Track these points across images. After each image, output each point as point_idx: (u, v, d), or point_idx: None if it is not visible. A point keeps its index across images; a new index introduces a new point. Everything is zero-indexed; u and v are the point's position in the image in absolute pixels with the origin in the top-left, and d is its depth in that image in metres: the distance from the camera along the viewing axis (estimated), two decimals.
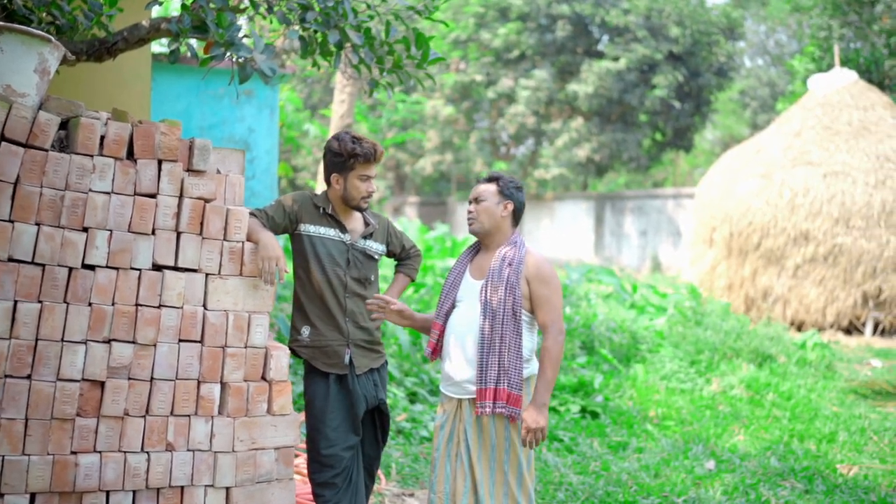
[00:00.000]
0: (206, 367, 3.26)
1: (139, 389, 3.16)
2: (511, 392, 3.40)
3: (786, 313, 12.96)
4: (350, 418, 3.59)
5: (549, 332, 3.44)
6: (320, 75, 21.82)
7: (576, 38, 23.20)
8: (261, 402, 3.35)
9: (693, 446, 6.08)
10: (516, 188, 3.59)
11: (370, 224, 3.75)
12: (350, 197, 3.62)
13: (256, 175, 9.85)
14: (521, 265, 3.47)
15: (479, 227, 3.57)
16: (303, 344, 3.62)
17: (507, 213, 3.57)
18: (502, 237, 3.58)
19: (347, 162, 3.59)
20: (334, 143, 3.64)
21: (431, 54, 5.20)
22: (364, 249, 3.69)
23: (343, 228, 3.66)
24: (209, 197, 3.31)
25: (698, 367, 7.88)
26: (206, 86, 9.36)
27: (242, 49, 3.94)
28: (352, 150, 3.58)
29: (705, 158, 29.72)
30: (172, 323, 3.22)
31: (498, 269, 3.47)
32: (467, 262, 3.68)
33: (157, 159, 3.24)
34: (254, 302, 3.36)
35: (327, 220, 3.65)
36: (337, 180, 3.64)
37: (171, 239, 3.24)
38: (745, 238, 13.49)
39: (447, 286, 3.66)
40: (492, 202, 3.55)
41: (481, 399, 3.42)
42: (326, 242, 3.62)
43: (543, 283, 3.47)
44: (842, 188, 12.78)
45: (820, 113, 14.05)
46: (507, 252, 3.51)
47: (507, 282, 3.44)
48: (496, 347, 3.41)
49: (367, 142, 3.63)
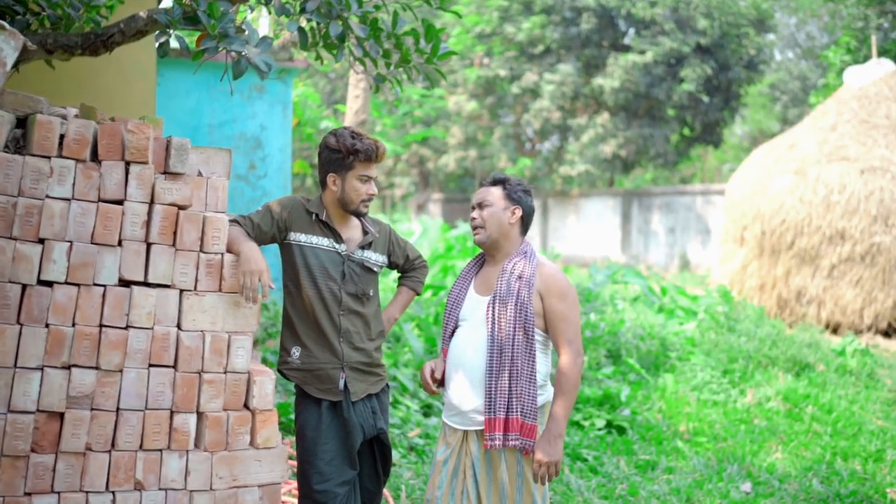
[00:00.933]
0: (179, 395, 2.89)
1: (103, 421, 2.80)
2: (524, 422, 3.01)
3: (820, 315, 12.40)
4: (345, 450, 3.21)
5: (566, 354, 3.04)
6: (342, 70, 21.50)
7: (601, 31, 22.66)
8: (242, 433, 2.97)
9: (727, 466, 5.64)
10: (524, 192, 3.21)
11: (369, 232, 3.36)
12: (348, 200, 3.24)
13: (269, 174, 9.51)
14: (533, 278, 3.08)
15: (484, 236, 3.18)
16: (293, 367, 3.24)
17: (515, 220, 3.18)
18: (511, 247, 3.19)
19: (346, 160, 3.21)
20: (331, 140, 3.26)
21: (442, 48, 4.82)
22: (362, 261, 3.30)
23: (338, 237, 3.27)
24: (184, 203, 2.94)
25: (731, 376, 7.42)
26: (216, 81, 9.03)
27: (236, 42, 3.57)
28: (351, 146, 3.19)
29: (734, 154, 29.06)
30: (141, 346, 2.85)
31: (506, 282, 3.08)
32: (471, 276, 3.29)
33: (125, 161, 2.87)
34: (234, 321, 2.99)
35: (320, 228, 3.27)
36: (334, 181, 3.26)
37: (140, 251, 2.88)
38: (777, 237, 12.96)
39: (450, 304, 3.27)
40: (498, 207, 3.17)
41: (490, 430, 3.03)
42: (319, 253, 3.23)
43: (559, 297, 3.07)
44: (880, 185, 12.21)
45: (856, 106, 13.48)
46: (516, 263, 3.12)
47: (516, 297, 3.04)
48: (506, 372, 3.02)
49: (367, 138, 3.25)
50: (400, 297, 3.56)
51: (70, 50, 4.10)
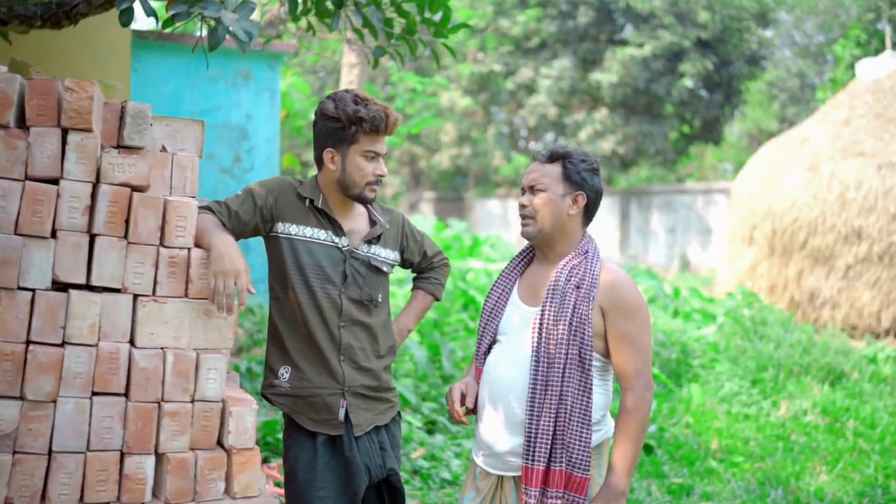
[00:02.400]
0: (132, 431, 2.23)
1: (29, 467, 2.13)
2: (573, 474, 2.33)
3: (835, 317, 11.82)
4: (346, 496, 2.54)
5: (633, 388, 2.36)
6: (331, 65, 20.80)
7: (599, 24, 22.03)
8: (215, 479, 2.31)
9: (770, 490, 5.00)
10: (590, 171, 2.49)
11: (378, 223, 2.68)
12: (350, 182, 2.57)
13: (255, 167, 8.82)
14: (594, 287, 2.39)
15: (534, 229, 2.48)
16: (281, 391, 2.57)
17: (577, 210, 2.48)
18: (568, 244, 2.50)
19: (347, 131, 2.54)
20: (329, 105, 2.58)
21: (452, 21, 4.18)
22: (368, 259, 2.64)
23: (339, 229, 2.60)
24: (139, 183, 2.27)
25: (762, 387, 6.78)
26: (197, 66, 8.34)
27: (211, 6, 2.89)
28: (353, 113, 2.52)
29: (733, 152, 28.51)
30: (82, 368, 2.19)
31: (560, 291, 2.39)
32: (515, 277, 2.59)
33: (61, 128, 2.21)
34: (204, 335, 2.32)
35: (316, 217, 2.60)
36: (332, 157, 2.59)
37: (82, 244, 2.21)
38: (789, 236, 12.39)
39: (486, 313, 2.58)
40: (555, 193, 2.46)
41: (527, 483, 2.35)
42: (314, 249, 2.57)
43: (626, 315, 2.39)
44: None
45: (870, 100, 12.93)
46: (574, 266, 2.43)
47: (573, 312, 2.35)
48: (552, 411, 2.34)
49: (375, 104, 2.56)
50: (415, 303, 2.89)
51: (28, 21, 3.47)
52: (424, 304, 2.90)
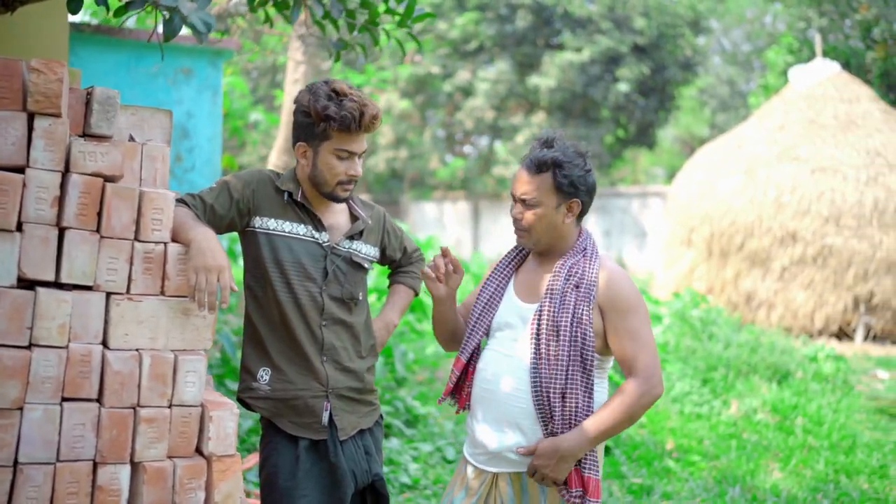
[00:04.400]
0: (106, 439, 2.07)
1: None
2: (585, 475, 2.27)
3: (771, 318, 12.09)
4: (331, 503, 2.42)
5: (637, 378, 2.29)
6: (266, 67, 20.49)
7: (537, 29, 22.17)
8: (194, 489, 2.17)
9: (728, 488, 5.03)
10: (581, 173, 2.37)
11: (360, 218, 2.57)
12: (321, 180, 2.45)
13: (196, 167, 8.56)
14: (594, 286, 2.32)
15: (530, 241, 2.41)
16: (260, 395, 2.44)
17: (571, 217, 2.39)
18: (566, 245, 2.42)
19: (317, 127, 2.41)
20: (303, 98, 2.45)
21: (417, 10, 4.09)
22: (350, 254, 2.52)
23: (319, 224, 2.48)
24: (112, 173, 2.12)
25: (712, 386, 6.85)
26: (137, 62, 8.05)
27: None
28: (322, 109, 2.37)
29: (666, 157, 29.05)
30: (51, 372, 2.02)
31: (559, 291, 2.31)
32: (511, 272, 2.51)
33: (27, 112, 2.04)
34: (182, 336, 2.18)
35: (295, 211, 2.48)
36: (304, 152, 2.47)
37: (50, 238, 2.05)
38: (727, 239, 12.64)
39: (480, 306, 2.48)
40: (548, 207, 2.35)
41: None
42: (294, 245, 2.44)
43: (627, 312, 2.32)
44: (831, 185, 11.98)
45: (804, 106, 13.27)
46: (572, 265, 2.35)
47: (573, 313, 2.28)
48: (556, 416, 2.28)
49: (351, 100, 2.41)
50: (397, 297, 2.78)
51: None
52: (407, 298, 2.80)
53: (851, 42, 15.54)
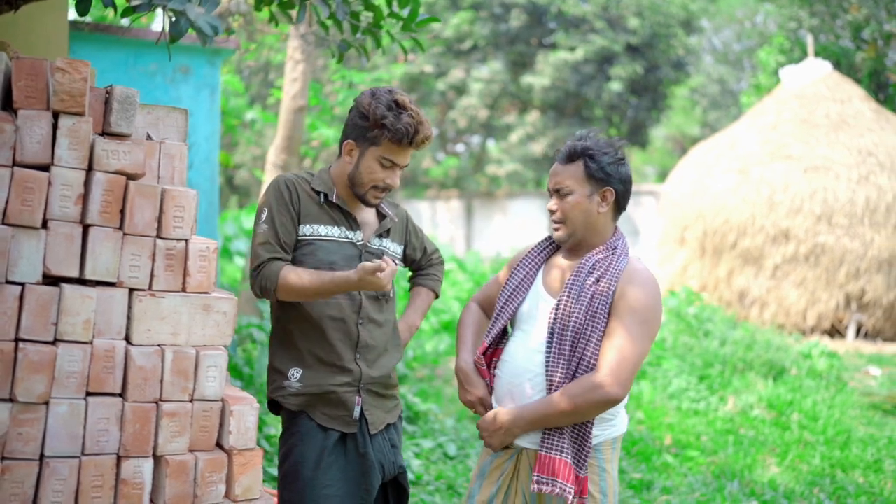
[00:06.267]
0: (130, 434, 2.11)
1: (20, 474, 1.99)
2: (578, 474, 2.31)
3: (763, 316, 12.18)
4: (358, 494, 2.45)
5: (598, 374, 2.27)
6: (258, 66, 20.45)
7: (531, 28, 22.22)
8: (215, 482, 2.20)
9: (726, 483, 5.10)
10: (615, 162, 2.41)
11: (387, 216, 2.62)
12: (359, 181, 2.49)
13: (195, 165, 8.57)
14: (614, 284, 2.32)
15: (566, 234, 2.43)
16: (291, 391, 2.48)
17: (606, 207, 2.42)
18: (599, 239, 2.45)
19: (370, 131, 2.45)
20: (364, 100, 2.48)
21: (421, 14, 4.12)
22: (382, 252, 2.58)
23: (353, 222, 2.53)
24: (135, 171, 2.16)
25: (709, 382, 6.92)
26: (136, 61, 8.07)
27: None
28: (380, 117, 2.41)
29: (657, 156, 29.16)
30: (76, 367, 2.06)
31: (580, 284, 2.34)
32: (541, 262, 2.53)
33: (52, 111, 2.08)
34: (203, 332, 2.22)
35: (329, 212, 2.52)
36: (350, 150, 2.50)
37: (75, 235, 2.09)
38: (720, 237, 12.72)
39: (505, 295, 2.50)
40: (581, 195, 2.39)
41: (540, 470, 2.32)
42: (331, 248, 2.49)
43: (630, 311, 2.30)
44: (823, 184, 12.08)
45: (796, 105, 13.36)
46: (598, 261, 2.38)
47: (588, 305, 2.30)
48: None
49: (409, 115, 2.43)
50: (418, 299, 2.82)
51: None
52: (428, 300, 2.84)
53: (842, 42, 15.65)
